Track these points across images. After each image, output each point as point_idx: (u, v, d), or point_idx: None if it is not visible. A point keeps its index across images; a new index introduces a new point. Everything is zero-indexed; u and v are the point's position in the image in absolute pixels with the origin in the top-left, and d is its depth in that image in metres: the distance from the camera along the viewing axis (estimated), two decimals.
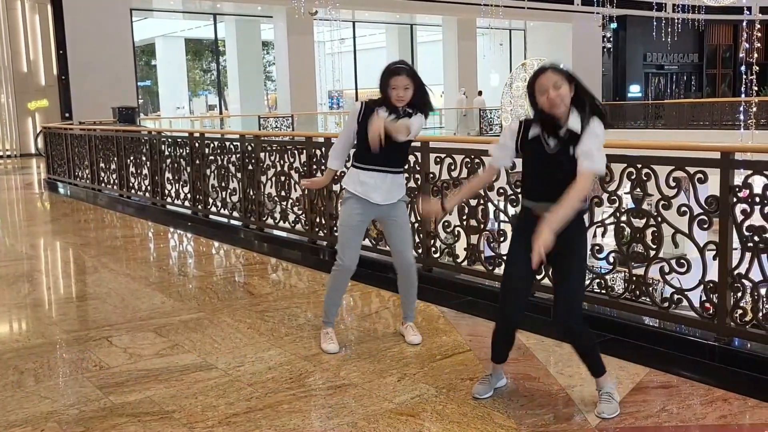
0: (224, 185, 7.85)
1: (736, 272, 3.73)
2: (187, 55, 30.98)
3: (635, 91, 32.19)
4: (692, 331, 3.93)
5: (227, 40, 25.42)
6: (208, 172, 8.14)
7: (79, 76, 19.98)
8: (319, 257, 6.38)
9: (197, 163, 8.33)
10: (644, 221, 4.09)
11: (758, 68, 17.82)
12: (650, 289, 4.13)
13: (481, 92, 26.73)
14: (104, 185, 11.14)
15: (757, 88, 18.53)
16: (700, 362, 3.75)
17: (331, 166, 4.17)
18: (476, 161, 4.93)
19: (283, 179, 6.89)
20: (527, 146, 3.15)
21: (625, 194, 4.25)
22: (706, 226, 3.84)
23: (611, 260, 4.29)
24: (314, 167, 6.38)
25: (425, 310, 4.80)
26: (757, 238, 3.63)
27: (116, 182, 10.67)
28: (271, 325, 4.55)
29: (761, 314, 3.67)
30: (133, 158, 10.19)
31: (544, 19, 28.00)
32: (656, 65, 33.21)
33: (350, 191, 3.95)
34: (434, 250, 5.36)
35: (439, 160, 5.25)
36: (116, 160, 10.63)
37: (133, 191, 10.17)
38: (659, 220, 4.03)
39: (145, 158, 9.74)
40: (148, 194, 9.69)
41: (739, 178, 3.75)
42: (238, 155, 7.59)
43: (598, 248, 4.34)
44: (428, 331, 4.35)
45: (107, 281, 5.91)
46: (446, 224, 5.27)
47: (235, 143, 7.70)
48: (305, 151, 6.49)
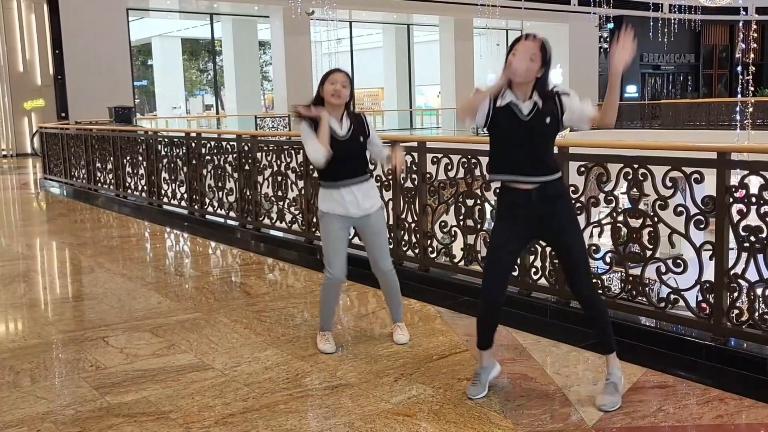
0: (221, 185, 7.84)
1: (732, 272, 3.74)
2: (183, 54, 30.96)
3: (632, 91, 32.23)
4: (689, 331, 3.94)
5: (224, 39, 25.39)
6: (204, 172, 8.13)
7: (75, 75, 19.94)
8: (315, 257, 6.37)
9: (194, 163, 8.32)
10: (641, 221, 4.10)
11: (754, 68, 17.84)
12: (647, 289, 4.14)
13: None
14: (100, 185, 11.12)
15: (753, 88, 18.55)
16: (696, 362, 3.76)
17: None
18: (473, 161, 4.93)
19: (279, 179, 6.88)
20: (500, 116, 3.17)
21: (621, 194, 4.26)
22: (702, 226, 3.85)
23: (608, 260, 4.30)
24: (311, 167, 6.37)
25: (422, 310, 4.80)
26: (753, 238, 3.63)
27: (112, 182, 10.66)
28: (267, 325, 4.55)
29: (757, 314, 3.67)
30: (129, 158, 10.17)
31: (540, 19, 27.99)
32: (653, 65, 33.25)
33: (328, 212, 3.95)
34: (431, 250, 5.36)
35: (435, 160, 5.25)
36: (112, 160, 10.61)
37: (129, 191, 10.15)
38: (656, 220, 4.03)
39: (141, 158, 9.73)
40: (144, 194, 9.67)
41: (735, 178, 3.76)
42: (234, 155, 7.58)
43: (594, 248, 4.34)
44: (425, 331, 4.35)
45: (103, 281, 5.90)
46: (443, 224, 5.27)
47: (231, 143, 7.69)
48: (302, 151, 6.48)
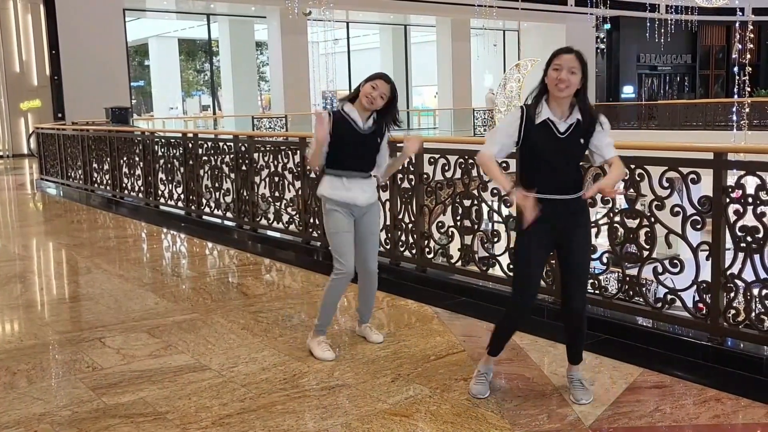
0: (218, 186, 7.84)
1: (729, 272, 3.74)
2: (180, 55, 30.90)
3: (628, 91, 32.27)
4: (685, 331, 3.94)
5: (221, 40, 25.35)
6: (201, 172, 8.12)
7: (71, 76, 19.90)
8: (313, 258, 6.37)
9: (191, 163, 8.31)
10: (638, 222, 4.11)
11: (751, 69, 17.90)
12: (644, 289, 4.15)
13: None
14: (97, 186, 11.11)
15: (749, 88, 18.60)
16: (693, 362, 3.76)
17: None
18: (470, 162, 4.93)
19: (276, 180, 6.88)
20: (535, 133, 3.12)
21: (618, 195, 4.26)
22: (699, 226, 3.85)
23: (605, 260, 4.31)
24: (308, 168, 6.37)
25: (419, 310, 4.80)
26: (749, 238, 3.64)
27: (109, 183, 10.64)
28: (264, 325, 4.55)
29: (754, 314, 3.68)
30: (126, 159, 10.15)
31: (537, 20, 28.03)
32: (649, 66, 33.29)
33: (334, 198, 3.93)
34: (428, 250, 5.36)
35: (433, 160, 5.25)
36: (109, 160, 10.60)
37: (126, 192, 10.14)
38: (652, 220, 4.04)
39: (138, 159, 9.72)
40: (141, 195, 9.66)
41: (731, 178, 3.76)
42: (231, 156, 7.57)
43: (591, 249, 4.34)
44: (422, 331, 4.35)
45: (100, 282, 5.89)
46: (440, 225, 5.27)
47: (228, 144, 7.68)
48: (299, 151, 6.48)
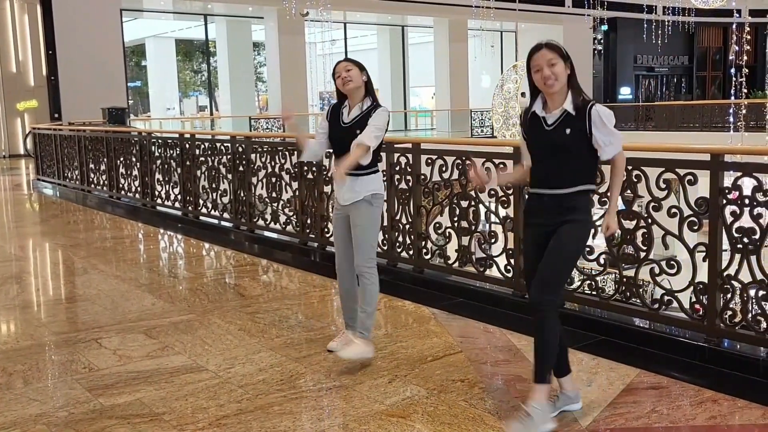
0: (215, 186, 7.83)
1: (725, 273, 3.75)
2: (177, 55, 30.86)
3: (626, 93, 32.30)
4: (682, 332, 3.95)
5: (218, 40, 25.31)
6: (198, 173, 8.12)
7: (68, 76, 19.86)
8: (310, 258, 6.37)
9: (188, 164, 8.30)
10: (635, 223, 4.11)
11: (747, 70, 17.91)
12: (640, 290, 4.15)
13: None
14: (94, 186, 11.09)
15: (746, 90, 18.60)
16: (690, 363, 3.77)
17: (307, 148, 4.13)
18: (467, 162, 4.93)
19: (274, 180, 6.87)
20: (529, 123, 3.12)
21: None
22: (696, 227, 3.86)
23: (602, 262, 4.31)
24: (305, 168, 6.37)
25: (416, 311, 4.80)
26: (746, 239, 3.65)
27: (106, 183, 10.62)
28: (261, 326, 4.54)
29: (750, 315, 3.68)
30: (123, 159, 10.14)
31: (534, 20, 28.02)
32: (646, 67, 33.33)
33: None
34: (425, 251, 5.36)
35: (430, 161, 5.25)
36: (106, 161, 10.58)
37: (122, 192, 10.12)
38: (649, 221, 4.04)
39: (135, 159, 9.71)
40: (138, 195, 9.65)
41: (728, 179, 3.77)
42: (228, 156, 7.57)
43: (588, 250, 4.34)
44: (419, 332, 4.35)
45: (97, 283, 5.88)
46: (437, 226, 5.27)
47: (225, 144, 7.67)
48: (296, 152, 6.47)
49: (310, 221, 6.38)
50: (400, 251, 5.52)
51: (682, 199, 3.90)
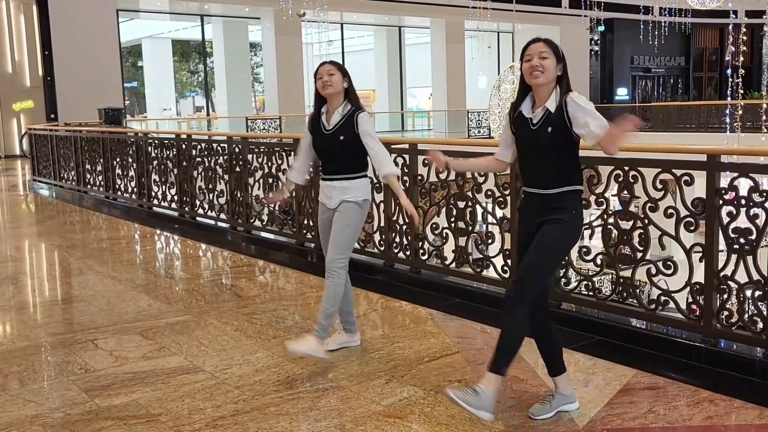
0: (211, 187, 7.82)
1: (722, 274, 3.76)
2: (174, 56, 30.82)
3: (622, 93, 32.36)
4: (679, 332, 3.95)
5: (214, 41, 25.30)
6: (195, 173, 8.11)
7: (64, 77, 19.82)
8: (306, 259, 6.37)
9: (184, 164, 8.29)
10: (631, 223, 4.11)
11: (744, 71, 17.93)
12: (637, 290, 4.15)
13: None
14: (90, 187, 11.07)
15: (742, 91, 18.64)
16: (686, 363, 3.78)
17: (289, 177, 4.20)
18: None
19: (270, 181, 6.87)
20: (517, 123, 3.12)
21: (612, 196, 4.27)
22: (692, 228, 3.86)
23: (598, 262, 4.31)
24: None
25: (413, 312, 4.80)
26: (742, 240, 3.65)
27: (102, 184, 10.61)
28: (258, 327, 4.53)
29: (747, 316, 3.69)
30: (119, 160, 10.13)
31: (531, 21, 28.05)
32: (643, 68, 33.39)
33: (319, 199, 4.02)
34: (422, 252, 5.36)
35: (427, 162, 5.25)
36: (102, 161, 10.57)
37: (119, 193, 10.11)
38: (646, 222, 4.05)
39: (131, 160, 9.69)
40: (134, 196, 9.64)
41: (725, 180, 3.77)
42: (225, 157, 7.56)
43: (585, 250, 4.35)
44: (416, 333, 4.34)
45: (93, 284, 5.86)
46: (434, 226, 5.28)
47: (222, 145, 7.67)
48: (293, 153, 6.47)
49: (306, 222, 6.38)
50: (397, 252, 5.52)
51: (678, 199, 3.91)
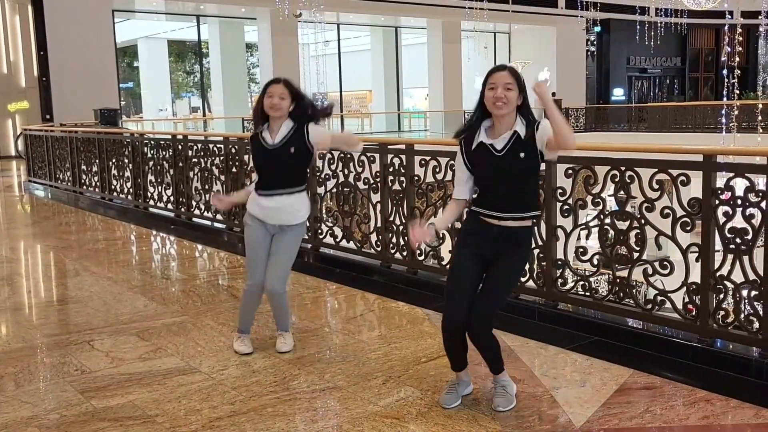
0: (208, 188, 7.81)
1: (718, 274, 3.76)
2: (170, 56, 30.77)
3: (619, 94, 32.40)
4: (675, 332, 3.96)
5: (210, 41, 25.27)
6: (191, 174, 8.09)
7: (60, 77, 19.78)
8: (303, 260, 6.36)
9: (180, 165, 8.28)
10: (628, 223, 4.12)
11: (740, 72, 17.99)
12: (634, 290, 4.16)
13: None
14: (86, 188, 11.05)
15: (738, 91, 18.70)
16: (683, 363, 3.78)
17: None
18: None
19: None
20: (474, 156, 3.09)
21: (608, 196, 4.28)
22: (688, 228, 3.87)
23: (595, 262, 4.31)
24: None
25: (410, 312, 4.80)
26: (738, 240, 3.66)
27: (98, 185, 10.59)
28: (254, 328, 4.51)
29: (743, 316, 3.69)
30: (115, 160, 10.10)
31: (528, 22, 28.10)
32: (639, 68, 33.44)
33: (250, 212, 3.92)
34: (419, 252, 5.36)
35: (423, 162, 5.25)
36: (98, 162, 10.54)
37: (115, 194, 10.09)
38: (642, 222, 4.05)
39: (127, 160, 9.67)
40: (130, 197, 9.62)
41: (721, 180, 3.78)
42: (221, 158, 7.55)
43: (582, 250, 4.36)
44: (413, 333, 4.34)
45: (89, 284, 5.85)
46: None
47: (218, 146, 7.66)
48: None
49: None
50: (393, 252, 5.52)
51: (675, 199, 3.91)
